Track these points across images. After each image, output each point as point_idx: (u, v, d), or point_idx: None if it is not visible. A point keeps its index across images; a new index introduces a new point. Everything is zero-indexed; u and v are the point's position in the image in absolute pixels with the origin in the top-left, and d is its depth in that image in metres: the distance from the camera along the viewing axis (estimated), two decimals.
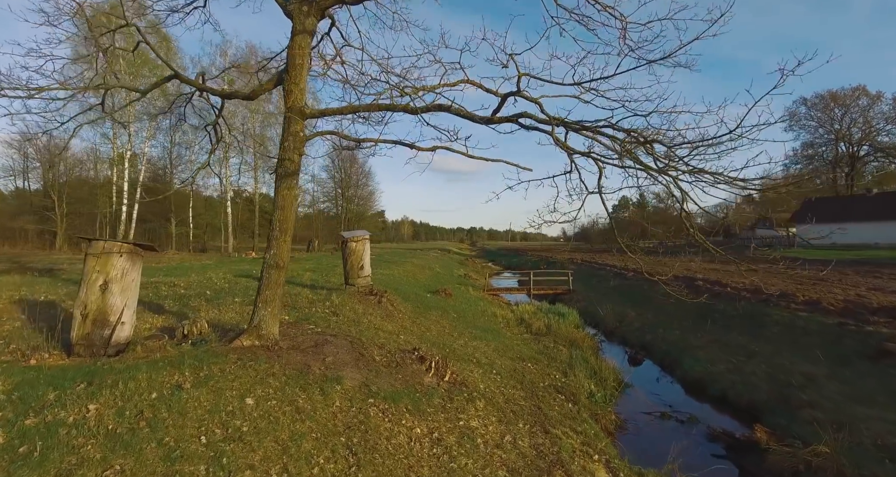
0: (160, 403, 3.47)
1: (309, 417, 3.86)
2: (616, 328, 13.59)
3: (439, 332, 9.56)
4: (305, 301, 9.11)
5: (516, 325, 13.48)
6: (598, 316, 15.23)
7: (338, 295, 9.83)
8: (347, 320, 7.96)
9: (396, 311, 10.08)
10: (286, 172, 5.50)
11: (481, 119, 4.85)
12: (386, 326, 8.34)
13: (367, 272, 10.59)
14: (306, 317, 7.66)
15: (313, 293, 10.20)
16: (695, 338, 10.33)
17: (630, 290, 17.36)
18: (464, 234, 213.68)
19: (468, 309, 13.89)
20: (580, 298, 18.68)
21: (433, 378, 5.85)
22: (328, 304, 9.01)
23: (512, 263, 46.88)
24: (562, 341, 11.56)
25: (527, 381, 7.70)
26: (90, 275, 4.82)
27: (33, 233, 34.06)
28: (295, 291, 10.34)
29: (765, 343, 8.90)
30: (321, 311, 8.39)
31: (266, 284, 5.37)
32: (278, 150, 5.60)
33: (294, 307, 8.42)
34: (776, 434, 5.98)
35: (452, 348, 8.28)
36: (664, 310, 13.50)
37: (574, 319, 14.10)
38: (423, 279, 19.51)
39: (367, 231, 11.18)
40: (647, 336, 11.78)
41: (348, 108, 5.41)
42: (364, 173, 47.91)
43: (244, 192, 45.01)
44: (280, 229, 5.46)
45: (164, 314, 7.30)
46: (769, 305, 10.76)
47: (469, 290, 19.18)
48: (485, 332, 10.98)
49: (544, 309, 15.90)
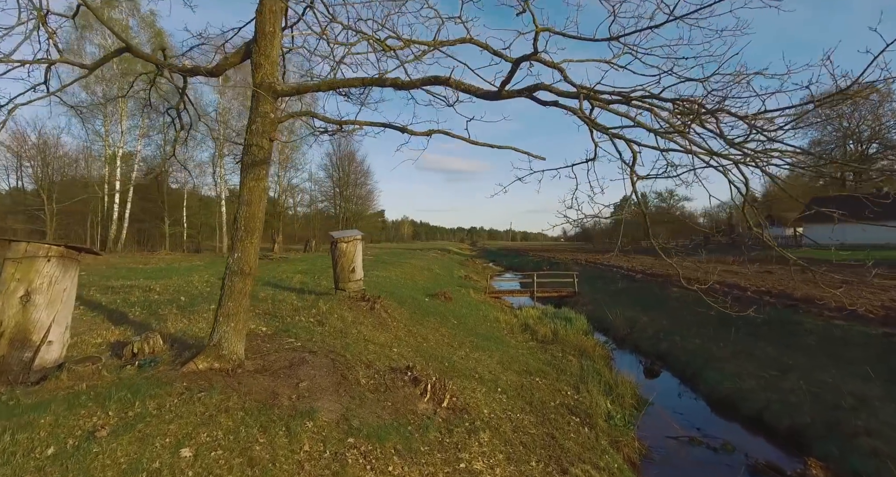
0: (54, 465, 2.58)
1: (265, 472, 2.96)
2: (628, 335, 12.69)
3: (437, 342, 8.67)
4: (289, 308, 8.22)
5: (521, 331, 12.59)
6: (607, 321, 14.33)
7: (326, 301, 8.94)
8: (334, 331, 7.07)
9: (391, 318, 9.19)
10: (254, 161, 4.61)
11: (487, 94, 3.96)
12: (377, 338, 7.44)
13: (358, 276, 9.71)
14: (287, 327, 6.77)
15: (299, 299, 9.31)
16: (718, 347, 9.43)
17: (640, 292, 16.46)
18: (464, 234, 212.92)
19: (469, 314, 13.00)
20: (587, 301, 17.78)
21: (429, 404, 4.96)
22: (314, 311, 8.12)
23: (513, 263, 45.96)
24: (570, 350, 10.67)
25: (536, 400, 6.81)
26: (7, 284, 3.93)
27: (23, 233, 33.16)
28: (280, 297, 9.46)
29: (800, 355, 8.01)
30: (305, 320, 7.50)
31: (228, 293, 4.48)
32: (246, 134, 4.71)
33: (275, 316, 7.53)
34: (833, 469, 5.08)
35: (452, 362, 7.39)
36: (679, 315, 12.60)
37: (582, 325, 13.21)
38: (422, 281, 18.62)
39: (360, 231, 10.30)
40: (662, 344, 10.88)
41: (327, 84, 4.51)
42: (363, 172, 47.06)
43: None
44: (246, 229, 4.57)
45: (125, 326, 6.41)
46: (798, 311, 9.87)
47: (470, 292, 18.29)
48: (487, 340, 10.09)
49: (550, 313, 15.01)
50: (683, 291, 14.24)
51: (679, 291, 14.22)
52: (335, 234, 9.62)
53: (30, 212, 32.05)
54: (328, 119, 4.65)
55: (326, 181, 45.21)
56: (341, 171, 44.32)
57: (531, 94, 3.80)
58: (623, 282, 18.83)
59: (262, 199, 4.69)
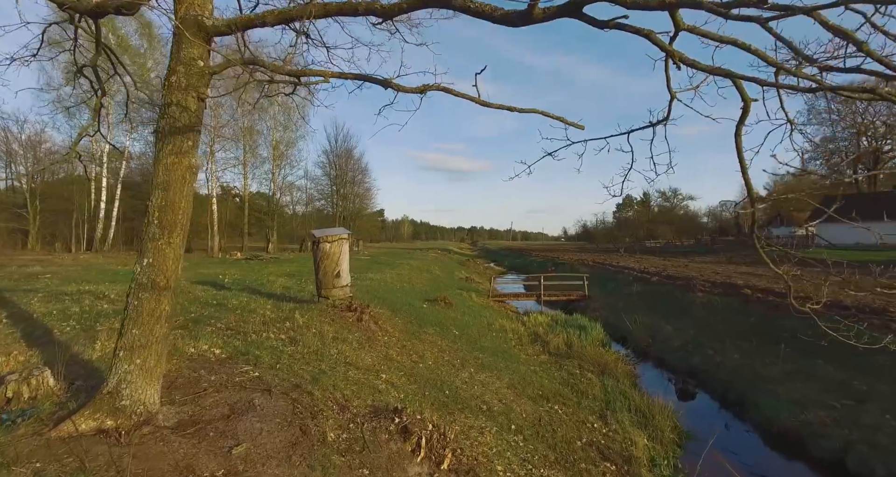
0: None
1: None
2: (649, 346, 11.32)
3: (437, 360, 7.29)
4: (258, 322, 6.85)
5: (530, 342, 11.22)
6: (624, 329, 12.96)
7: (305, 312, 7.57)
8: (307, 353, 5.70)
9: (381, 331, 7.82)
10: (174, 127, 3.24)
11: (509, 17, 2.59)
12: (362, 359, 6.06)
13: (345, 281, 8.33)
14: (248, 349, 5.40)
15: (275, 309, 7.94)
16: (764, 365, 8.06)
17: (658, 297, 15.09)
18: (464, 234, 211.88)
19: (472, 323, 11.63)
20: (599, 306, 16.40)
21: (423, 465, 3.59)
22: (288, 326, 6.74)
23: (515, 264, 44.57)
24: (589, 365, 9.31)
25: (559, 440, 5.44)
26: None
27: (4, 231, 31.81)
28: (253, 306, 8.09)
29: (875, 379, 6.65)
30: (274, 337, 6.12)
31: (134, 317, 3.11)
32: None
33: (238, 332, 6.15)
34: None
35: (454, 389, 6.02)
36: (708, 324, 11.23)
37: (598, 335, 11.84)
38: (420, 284, 17.25)
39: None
40: (694, 358, 9.50)
41: (276, 16, 3.13)
42: (360, 169, 45.56)
43: (233, 189, 42.81)
44: (161, 223, 3.20)
45: (39, 347, 5.04)
46: (858, 322, 8.49)
47: (472, 296, 16.93)
48: (494, 356, 8.73)
49: (561, 321, 13.64)
50: (709, 295, 12.88)
51: (704, 296, 12.86)
52: (317, 233, 8.25)
53: (8, 209, 30.66)
54: (281, 69, 3.28)
55: (323, 179, 43.83)
56: (338, 168, 42.90)
57: (579, 11, 2.42)
58: (637, 285, 17.45)
59: (187, 182, 3.32)
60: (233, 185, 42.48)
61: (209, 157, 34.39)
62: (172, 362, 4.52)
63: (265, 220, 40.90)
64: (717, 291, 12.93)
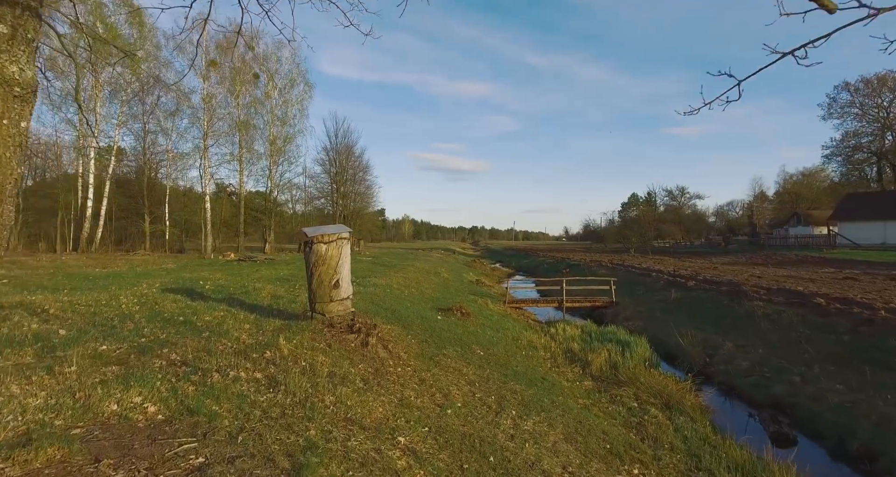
0: None
1: None
2: (708, 367, 9.52)
3: (466, 400, 5.48)
4: (228, 352, 5.04)
5: (567, 362, 9.43)
6: (671, 345, 11.16)
7: (293, 334, 5.77)
8: (290, 406, 3.89)
9: (393, 359, 6.02)
10: None
11: None
12: (369, 410, 4.26)
13: (345, 293, 6.52)
14: (201, 401, 3.60)
15: (254, 329, 6.15)
16: (886, 402, 6.24)
17: (701, 305, 13.26)
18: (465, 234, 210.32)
19: (496, 338, 9.83)
20: (630, 314, 14.60)
21: None
22: (268, 357, 4.94)
23: (523, 265, 42.73)
24: (647, 395, 7.52)
25: None
26: None
27: None
28: (227, 325, 6.30)
29: None
30: (246, 378, 4.32)
31: None
32: None
33: (196, 370, 4.35)
34: None
35: (499, 452, 4.22)
36: (780, 340, 9.42)
37: (643, 352, 10.04)
38: (430, 290, 15.44)
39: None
40: (775, 387, 7.69)
41: None
42: (361, 167, 43.72)
43: (229, 187, 41.04)
44: None
45: None
46: None
47: (488, 303, 15.13)
48: (533, 385, 6.92)
49: (594, 333, 11.84)
50: (768, 305, 11.06)
51: (764, 305, 11.04)
52: (309, 231, 6.43)
53: None
54: None
55: (323, 176, 41.99)
56: (338, 166, 41.07)
57: None
58: (673, 290, 15.61)
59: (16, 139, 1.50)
60: (228, 183, 40.76)
61: (202, 153, 32.63)
62: (60, 441, 2.73)
63: (262, 219, 39.09)
64: (777, 300, 11.11)
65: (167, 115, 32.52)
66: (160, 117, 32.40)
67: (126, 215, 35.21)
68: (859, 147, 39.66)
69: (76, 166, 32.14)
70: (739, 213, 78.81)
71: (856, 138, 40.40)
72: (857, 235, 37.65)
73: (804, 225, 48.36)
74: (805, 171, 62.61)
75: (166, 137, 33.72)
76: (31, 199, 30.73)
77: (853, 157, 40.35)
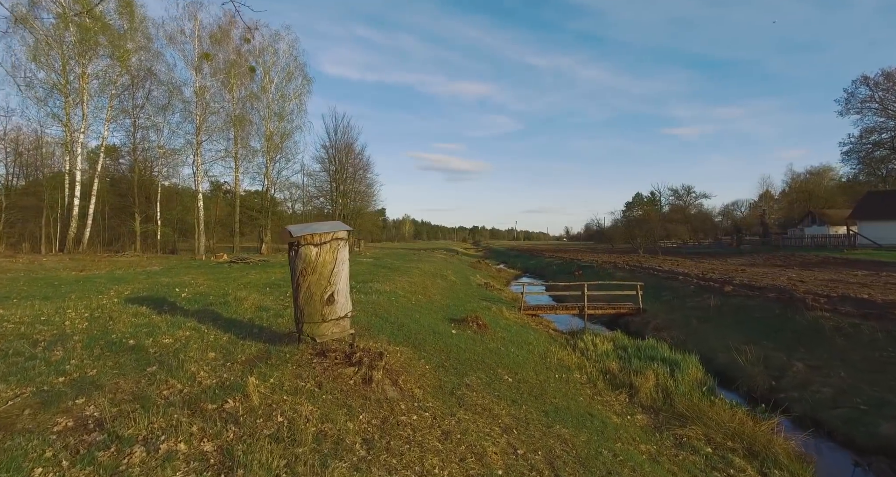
0: None
1: None
2: (774, 392, 8.00)
3: (508, 467, 3.94)
4: (176, 399, 3.52)
5: (608, 387, 7.90)
6: (717, 361, 9.65)
7: (270, 370, 4.25)
8: None
9: (405, 401, 4.50)
10: None
11: None
12: None
13: (342, 310, 4.99)
14: None
15: (220, 361, 4.61)
16: None
17: (746, 314, 11.71)
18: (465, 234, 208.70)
19: (522, 358, 8.30)
20: (661, 323, 13.08)
21: None
22: (228, 409, 3.41)
23: (529, 266, 41.15)
24: (720, 436, 6.00)
25: None
26: None
27: None
28: (190, 351, 4.78)
29: None
30: (183, 457, 2.78)
31: None
32: None
33: (112, 437, 2.83)
34: None
35: None
36: (862, 360, 7.89)
37: (695, 372, 8.54)
38: (438, 296, 13.90)
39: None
40: (881, 426, 6.16)
41: None
42: (362, 165, 42.18)
43: (224, 185, 39.53)
44: None
45: None
46: None
47: (503, 310, 13.60)
48: (583, 429, 5.40)
49: (628, 347, 10.32)
50: (839, 316, 9.52)
51: (830, 315, 9.50)
52: (295, 229, 4.89)
53: None
54: None
55: (322, 174, 40.46)
56: (338, 163, 39.54)
57: None
58: (707, 296, 14.07)
59: None
60: (223, 181, 39.25)
61: (195, 149, 31.11)
62: None
63: (258, 218, 37.54)
64: (845, 310, 9.59)
65: (158, 109, 30.99)
66: (150, 112, 30.87)
67: (116, 214, 33.74)
68: (880, 144, 38.08)
69: (63, 163, 30.67)
70: (745, 212, 77.36)
71: (875, 134, 38.83)
72: (878, 235, 36.06)
73: (819, 225, 46.78)
74: (812, 170, 61.20)
75: (157, 133, 32.21)
76: (15, 197, 29.25)
77: (873, 154, 38.78)
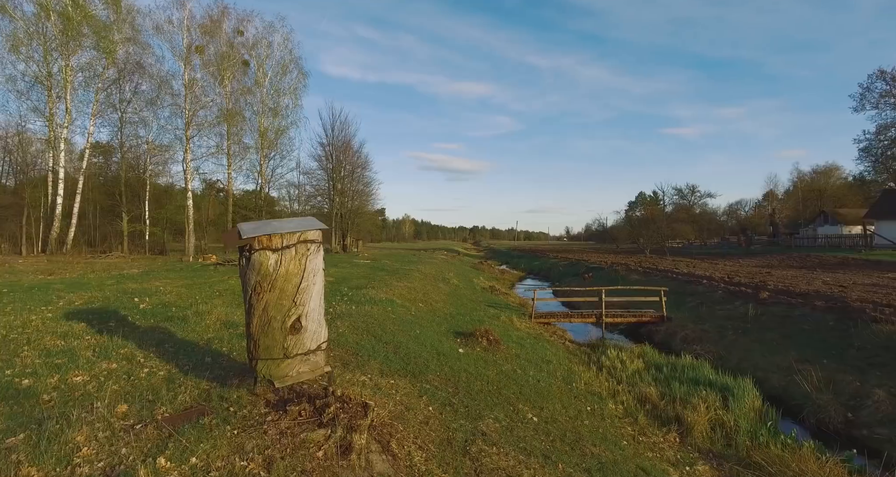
0: None
1: None
2: (851, 426, 6.57)
3: None
4: None
5: (650, 421, 6.47)
6: (769, 383, 8.25)
7: (199, 438, 2.83)
8: None
9: (398, 473, 3.08)
10: None
11: None
12: None
13: (313, 340, 3.57)
14: None
15: (130, 418, 3.17)
16: None
17: (794, 326, 10.28)
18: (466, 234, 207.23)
19: (545, 383, 6.86)
20: (691, 335, 11.65)
21: None
22: None
23: (533, 267, 39.71)
24: None
25: None
26: None
27: None
28: (101, 400, 3.35)
29: None
30: None
31: None
32: None
33: None
34: None
35: None
36: None
37: (751, 400, 7.10)
38: (441, 303, 12.45)
39: (319, 221, 4.03)
40: None
41: None
42: (360, 163, 40.76)
43: (217, 184, 38.11)
44: None
45: None
46: None
47: (512, 319, 12.18)
48: None
49: (661, 365, 8.91)
50: None
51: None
52: (246, 228, 3.48)
53: None
54: None
55: (319, 172, 39.05)
56: (335, 161, 38.13)
57: None
58: (740, 304, 12.63)
59: None
60: (216, 179, 37.80)
61: (185, 145, 29.66)
62: None
63: (253, 218, 36.20)
64: None
65: (146, 103, 29.55)
66: (138, 106, 29.43)
67: (104, 214, 32.35)
68: None
69: (45, 160, 29.27)
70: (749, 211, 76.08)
71: (893, 130, 37.37)
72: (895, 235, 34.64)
73: (832, 224, 45.40)
74: (818, 169, 59.88)
75: (146, 128, 30.77)
76: None
77: (891, 150, 37.34)
